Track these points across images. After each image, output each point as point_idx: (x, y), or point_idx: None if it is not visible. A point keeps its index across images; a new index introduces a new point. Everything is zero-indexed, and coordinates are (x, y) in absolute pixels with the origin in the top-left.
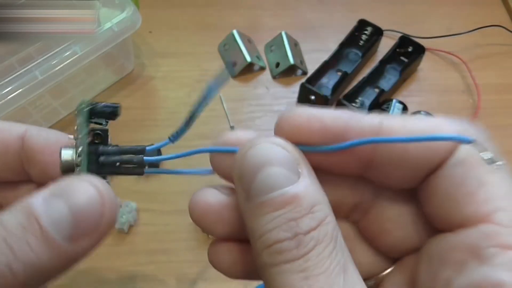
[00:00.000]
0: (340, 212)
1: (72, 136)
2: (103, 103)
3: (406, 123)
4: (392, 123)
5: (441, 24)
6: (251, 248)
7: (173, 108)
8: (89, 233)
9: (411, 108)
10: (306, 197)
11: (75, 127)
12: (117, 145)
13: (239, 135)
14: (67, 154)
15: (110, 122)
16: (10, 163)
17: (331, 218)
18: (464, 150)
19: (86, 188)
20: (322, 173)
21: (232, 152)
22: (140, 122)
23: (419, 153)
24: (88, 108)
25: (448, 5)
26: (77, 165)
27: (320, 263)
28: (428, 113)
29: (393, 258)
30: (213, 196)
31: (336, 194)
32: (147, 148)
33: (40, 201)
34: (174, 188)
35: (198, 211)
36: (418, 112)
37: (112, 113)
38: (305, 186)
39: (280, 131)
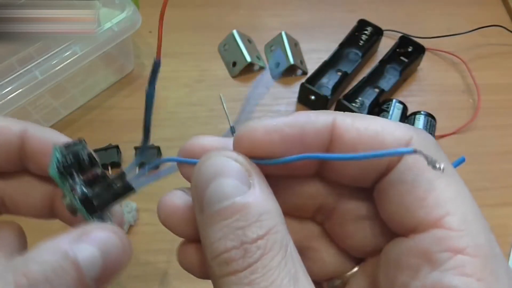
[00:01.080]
0: (305, 214)
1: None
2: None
3: (356, 124)
4: (344, 124)
5: (441, 24)
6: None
7: (173, 108)
8: (112, 275)
9: (411, 108)
10: (255, 206)
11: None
12: (96, 179)
13: (205, 142)
14: (67, 200)
15: (110, 123)
16: (9, 158)
17: (281, 227)
18: (409, 159)
19: (112, 237)
20: (282, 178)
21: (194, 163)
22: (140, 122)
23: (371, 146)
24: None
25: (448, 5)
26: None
27: (267, 274)
28: (428, 113)
29: (358, 258)
30: (180, 198)
31: (298, 198)
32: (126, 170)
33: (75, 246)
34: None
35: (164, 212)
36: (418, 112)
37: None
38: (255, 196)
39: (238, 147)
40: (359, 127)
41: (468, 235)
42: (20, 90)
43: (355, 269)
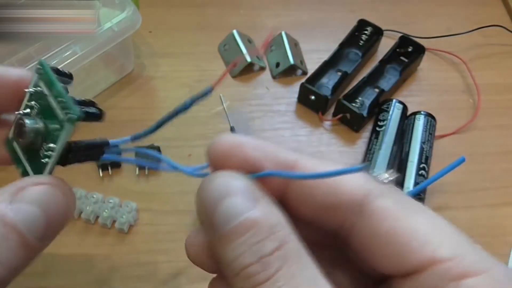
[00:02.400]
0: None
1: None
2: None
3: (317, 167)
4: (306, 164)
5: (441, 24)
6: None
7: (173, 108)
8: (58, 230)
9: (411, 108)
10: (265, 220)
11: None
12: (82, 141)
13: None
14: (35, 123)
15: (110, 123)
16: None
17: (293, 235)
18: (377, 204)
19: (54, 193)
20: None
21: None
22: (140, 122)
23: (325, 197)
24: (80, 115)
25: (448, 5)
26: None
27: (290, 282)
28: (428, 113)
29: None
30: (201, 237)
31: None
32: (111, 142)
33: (12, 207)
34: (174, 188)
35: (191, 252)
36: (418, 112)
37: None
38: (262, 210)
39: (209, 157)
40: (319, 170)
41: (463, 259)
42: None
43: None
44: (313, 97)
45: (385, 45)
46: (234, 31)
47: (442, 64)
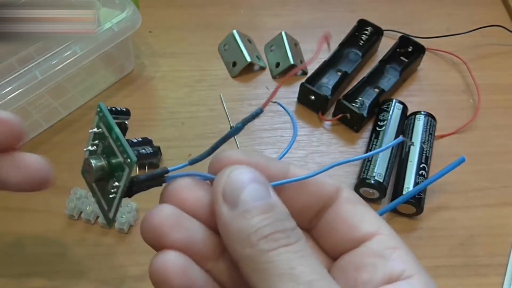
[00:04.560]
0: None
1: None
2: (143, 150)
3: (304, 172)
4: (296, 170)
5: (441, 24)
6: (230, 250)
7: (173, 108)
8: None
9: (411, 108)
10: (282, 207)
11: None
12: (145, 174)
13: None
14: (99, 162)
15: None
16: None
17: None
18: (345, 193)
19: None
20: None
21: (211, 179)
22: (140, 122)
23: (313, 192)
24: (135, 159)
25: (448, 5)
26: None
27: (306, 249)
28: (428, 113)
29: None
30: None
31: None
32: (169, 169)
33: None
34: None
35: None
36: (418, 112)
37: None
38: (278, 200)
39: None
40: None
41: (395, 237)
42: (20, 90)
43: None
44: (313, 97)
45: (385, 45)
46: (234, 31)
47: (442, 64)
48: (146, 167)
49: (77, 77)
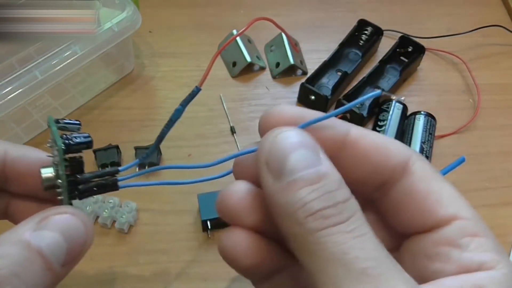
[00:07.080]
0: None
1: (50, 154)
2: (77, 139)
3: (368, 134)
4: (358, 132)
5: (441, 24)
6: (278, 225)
7: (173, 108)
8: (78, 257)
9: (411, 108)
10: (334, 174)
11: (48, 144)
12: (91, 172)
13: (284, 114)
14: (47, 172)
15: (110, 123)
16: None
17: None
18: (416, 166)
19: (72, 219)
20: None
21: (252, 152)
22: (140, 122)
23: (377, 157)
24: (63, 146)
25: (448, 5)
26: (58, 187)
27: (361, 226)
28: (428, 113)
29: None
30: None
31: None
32: (120, 169)
33: (37, 234)
34: (174, 188)
35: (228, 202)
36: (418, 112)
37: (87, 146)
38: (329, 166)
39: (263, 128)
40: (372, 136)
41: (477, 222)
42: (20, 90)
43: None
44: (313, 97)
45: (385, 45)
46: (234, 31)
47: (442, 64)
48: (146, 167)
49: (77, 77)
